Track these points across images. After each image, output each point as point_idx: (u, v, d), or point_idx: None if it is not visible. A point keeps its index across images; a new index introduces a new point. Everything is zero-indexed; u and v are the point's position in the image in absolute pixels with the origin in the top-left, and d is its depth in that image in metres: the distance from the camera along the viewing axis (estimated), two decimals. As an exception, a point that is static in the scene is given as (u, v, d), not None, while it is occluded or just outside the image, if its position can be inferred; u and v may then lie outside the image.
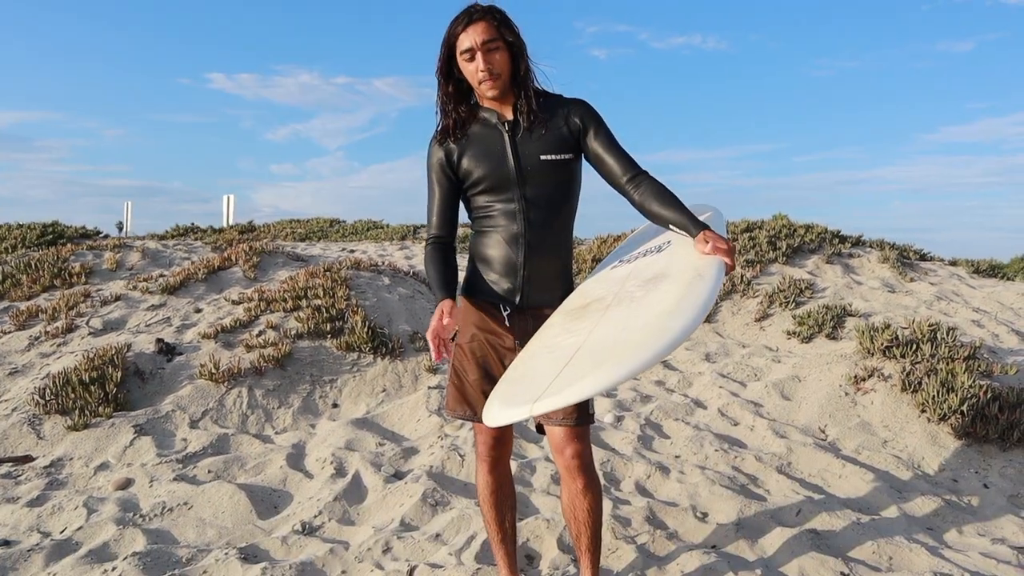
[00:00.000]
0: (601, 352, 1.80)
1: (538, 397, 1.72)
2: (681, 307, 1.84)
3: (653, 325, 1.81)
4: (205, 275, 6.86)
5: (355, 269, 6.81)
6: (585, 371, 1.74)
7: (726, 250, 2.01)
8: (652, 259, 2.24)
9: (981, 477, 3.71)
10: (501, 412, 1.81)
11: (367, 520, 3.34)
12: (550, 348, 2.02)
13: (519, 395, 1.82)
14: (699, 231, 2.09)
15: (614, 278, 2.26)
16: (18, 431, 4.24)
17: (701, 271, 1.98)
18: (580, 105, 2.27)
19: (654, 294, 1.99)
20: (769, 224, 8.88)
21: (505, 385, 2.02)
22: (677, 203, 2.17)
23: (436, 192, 2.32)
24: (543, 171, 2.21)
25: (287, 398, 4.79)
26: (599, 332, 1.93)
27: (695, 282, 1.94)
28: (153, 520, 3.34)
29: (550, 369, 1.85)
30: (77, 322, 5.86)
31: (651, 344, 1.73)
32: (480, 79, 2.16)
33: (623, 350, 1.75)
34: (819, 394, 4.63)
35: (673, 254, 2.16)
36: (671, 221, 2.16)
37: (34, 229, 10.69)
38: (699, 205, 2.80)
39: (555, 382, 1.76)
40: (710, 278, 1.95)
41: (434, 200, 2.33)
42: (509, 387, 1.97)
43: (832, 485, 3.61)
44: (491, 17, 2.16)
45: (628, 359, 1.71)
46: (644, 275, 2.14)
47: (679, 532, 3.13)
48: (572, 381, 1.72)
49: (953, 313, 6.65)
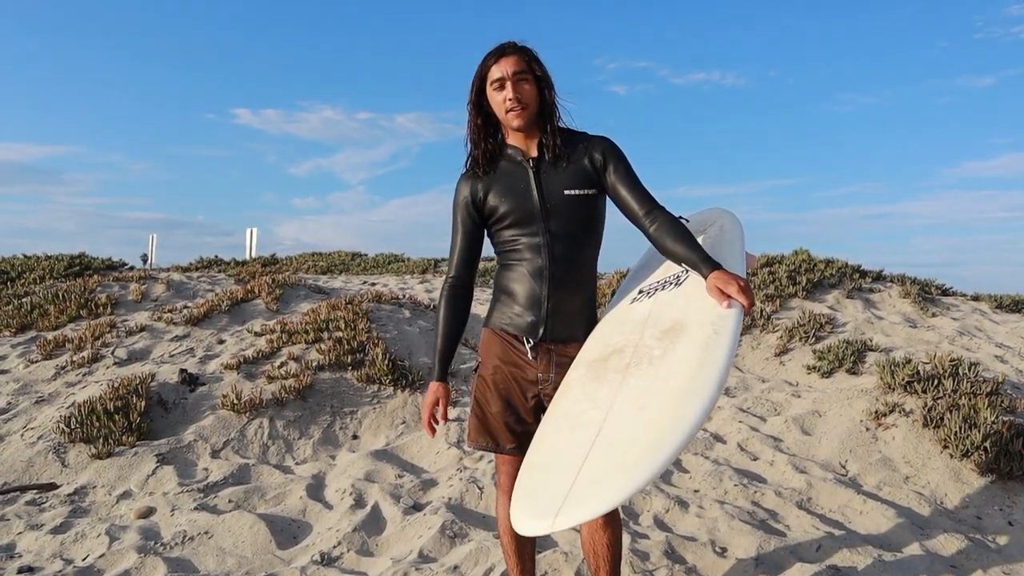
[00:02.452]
0: (619, 449, 1.81)
1: (559, 508, 1.75)
2: (695, 385, 1.82)
3: (668, 414, 1.80)
4: (228, 307, 6.95)
5: (376, 302, 6.88)
6: (602, 477, 1.76)
7: (740, 289, 1.97)
8: (671, 296, 2.24)
9: (1006, 515, 3.66)
10: (528, 523, 1.84)
11: (386, 551, 3.35)
12: (572, 422, 2.04)
13: (542, 498, 1.85)
14: (710, 271, 2.06)
15: (634, 319, 2.26)
16: (43, 459, 4.30)
17: (718, 326, 1.96)
18: (602, 141, 2.32)
19: (671, 357, 1.98)
20: (789, 259, 8.86)
21: (529, 474, 2.03)
22: (690, 240, 2.18)
23: (459, 231, 2.39)
24: (567, 206, 2.26)
25: (308, 429, 4.83)
26: (618, 410, 1.94)
27: (711, 345, 1.91)
28: (174, 549, 3.37)
29: (571, 460, 1.87)
30: (102, 352, 5.96)
31: (666, 444, 1.73)
32: (508, 107, 2.22)
33: (639, 453, 1.75)
34: (839, 429, 4.59)
35: (690, 295, 2.15)
36: (683, 259, 2.16)
37: (61, 260, 10.89)
38: (710, 210, 2.79)
39: (575, 487, 1.78)
40: (727, 334, 1.93)
41: (456, 239, 2.40)
42: (533, 477, 1.99)
43: (853, 521, 3.57)
44: (523, 53, 2.26)
45: (645, 465, 1.70)
46: (663, 322, 2.14)
47: (698, 567, 3.11)
48: (588, 492, 1.74)
49: (976, 348, 6.58)
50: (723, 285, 2.00)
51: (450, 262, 2.42)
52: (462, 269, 2.40)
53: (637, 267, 2.71)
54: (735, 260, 2.34)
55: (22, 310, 7.24)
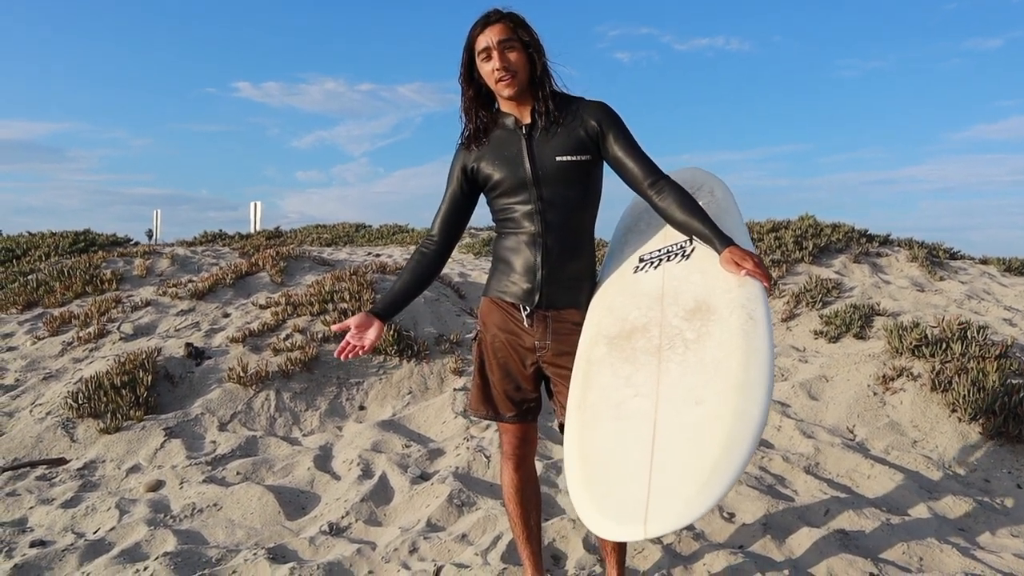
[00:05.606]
0: (686, 449, 1.74)
1: (644, 515, 1.66)
2: (750, 377, 1.80)
3: (732, 410, 1.75)
4: (233, 280, 6.94)
5: (380, 273, 6.86)
6: (681, 482, 1.67)
7: (757, 265, 2.01)
8: (683, 271, 2.19)
9: (1014, 477, 3.65)
10: (616, 529, 1.72)
11: (394, 521, 3.37)
12: (616, 410, 1.95)
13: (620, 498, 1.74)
14: (724, 246, 2.09)
15: (647, 293, 2.20)
16: (52, 434, 4.32)
17: (751, 310, 1.94)
18: (598, 107, 2.27)
19: (709, 343, 1.94)
20: (795, 224, 8.81)
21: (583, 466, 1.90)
22: (700, 212, 2.16)
23: (447, 197, 2.38)
24: (559, 172, 2.22)
25: (314, 401, 4.84)
26: (669, 401, 1.87)
27: (751, 332, 1.89)
28: (183, 521, 3.39)
29: (635, 456, 1.79)
30: (108, 327, 5.96)
31: (740, 445, 1.68)
32: (497, 77, 2.18)
33: (715, 457, 1.67)
34: (847, 394, 4.58)
35: (706, 272, 2.12)
36: (696, 233, 2.16)
37: (66, 237, 10.90)
38: (690, 170, 2.71)
39: (653, 492, 1.69)
40: (762, 320, 1.92)
41: (443, 203, 2.38)
42: (594, 474, 1.86)
43: (861, 485, 3.57)
44: (507, 19, 2.20)
45: (726, 470, 1.64)
46: (684, 301, 2.09)
47: (706, 532, 3.11)
48: (672, 499, 1.66)
49: (984, 312, 6.54)
50: (740, 260, 2.03)
51: (432, 224, 2.41)
52: (441, 233, 2.37)
53: (625, 227, 2.62)
54: (740, 231, 2.32)
55: (28, 287, 7.26)
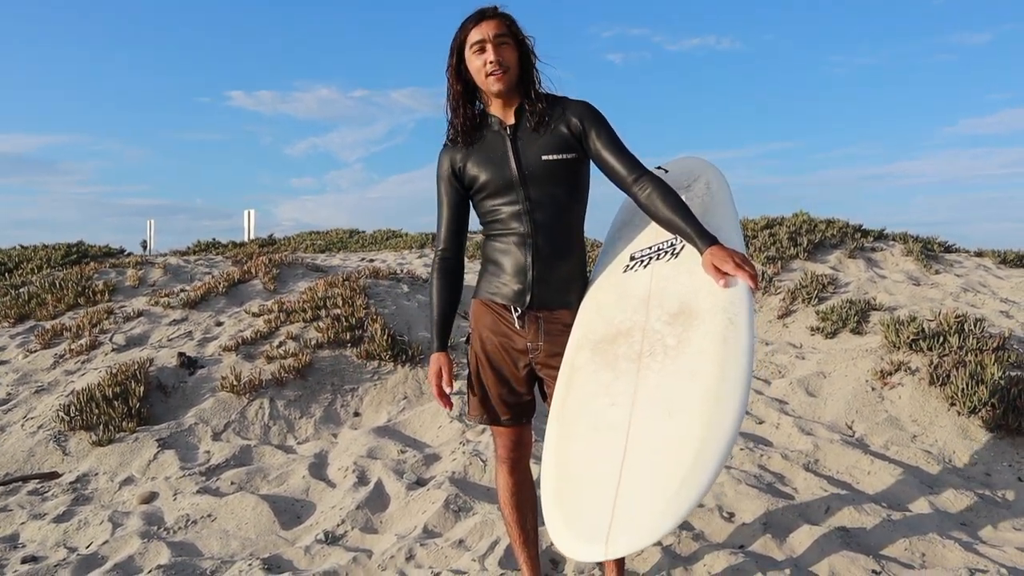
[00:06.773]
0: (655, 463, 1.71)
1: (607, 534, 1.64)
2: (724, 390, 1.74)
3: (702, 423, 1.71)
4: (226, 288, 6.90)
5: (374, 278, 6.82)
6: (646, 501, 1.65)
7: (737, 265, 1.93)
8: (671, 270, 2.14)
9: (1015, 470, 3.63)
10: (578, 547, 1.69)
11: (390, 528, 3.33)
12: (594, 420, 1.92)
13: (587, 519, 1.72)
14: (707, 246, 2.00)
15: (634, 295, 2.16)
16: (44, 448, 4.27)
17: (732, 315, 1.88)
18: (580, 106, 2.24)
19: (688, 349, 1.89)
20: (789, 220, 8.79)
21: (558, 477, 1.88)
22: (683, 209, 2.10)
23: (444, 203, 2.34)
24: (545, 172, 2.19)
25: (308, 408, 4.80)
26: (642, 412, 1.83)
27: (731, 338, 1.83)
28: (177, 533, 3.35)
29: (604, 471, 1.76)
30: (100, 339, 5.91)
31: (710, 455, 1.64)
32: (489, 71, 2.15)
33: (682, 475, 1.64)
34: (845, 390, 4.55)
35: (692, 272, 2.05)
36: (678, 231, 2.09)
37: (59, 249, 10.85)
38: (689, 159, 2.68)
39: (617, 511, 1.67)
40: (744, 325, 1.85)
41: (443, 211, 2.34)
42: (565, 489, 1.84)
43: (861, 482, 3.54)
44: (503, 17, 2.19)
45: (692, 486, 1.61)
46: (668, 304, 2.04)
47: (705, 532, 3.08)
48: (635, 519, 1.64)
49: (980, 304, 6.52)
50: (720, 263, 1.95)
51: (438, 236, 2.37)
52: (451, 241, 2.35)
53: (619, 223, 2.59)
54: (730, 227, 2.25)
55: (20, 300, 7.19)
